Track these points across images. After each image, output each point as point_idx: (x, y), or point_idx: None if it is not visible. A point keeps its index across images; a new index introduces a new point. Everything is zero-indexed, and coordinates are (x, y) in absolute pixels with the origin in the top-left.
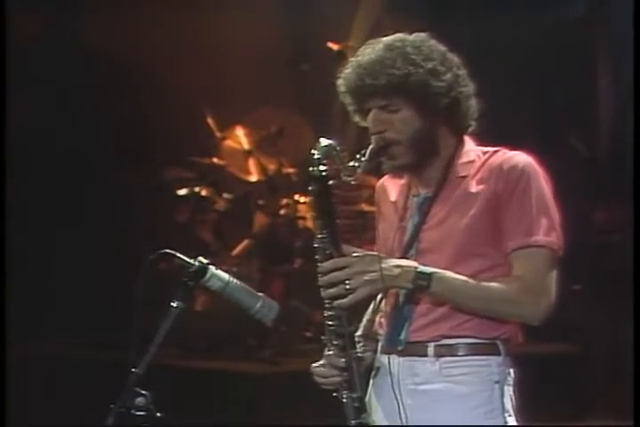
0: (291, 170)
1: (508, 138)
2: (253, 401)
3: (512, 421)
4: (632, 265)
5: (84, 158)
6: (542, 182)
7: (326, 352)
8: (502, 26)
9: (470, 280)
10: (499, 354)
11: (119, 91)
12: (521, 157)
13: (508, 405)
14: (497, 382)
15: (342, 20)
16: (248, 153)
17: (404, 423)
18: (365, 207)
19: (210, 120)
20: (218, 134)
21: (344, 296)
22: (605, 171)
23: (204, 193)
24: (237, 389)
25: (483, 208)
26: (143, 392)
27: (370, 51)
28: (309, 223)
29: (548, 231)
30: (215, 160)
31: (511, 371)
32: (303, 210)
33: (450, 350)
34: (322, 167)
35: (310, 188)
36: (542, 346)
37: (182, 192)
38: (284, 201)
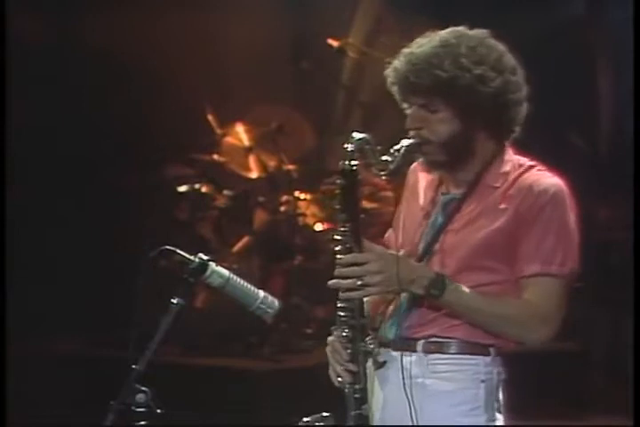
0: (291, 167)
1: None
2: (254, 398)
3: (497, 422)
4: (633, 263)
5: (85, 156)
6: (568, 209)
7: (329, 339)
8: (502, 26)
9: (482, 296)
10: (487, 354)
11: (119, 88)
12: (553, 181)
13: (494, 405)
14: (483, 382)
15: (342, 17)
16: (248, 150)
17: (413, 415)
18: (367, 204)
19: (210, 117)
20: (218, 131)
21: (354, 290)
22: (606, 169)
23: (204, 190)
24: (237, 386)
25: (505, 224)
26: (143, 389)
27: (425, 43)
28: (309, 220)
29: (564, 261)
30: (215, 157)
31: (500, 371)
32: (303, 207)
33: (438, 348)
34: (353, 162)
35: (338, 181)
36: (542, 344)
37: (182, 189)
38: (285, 198)
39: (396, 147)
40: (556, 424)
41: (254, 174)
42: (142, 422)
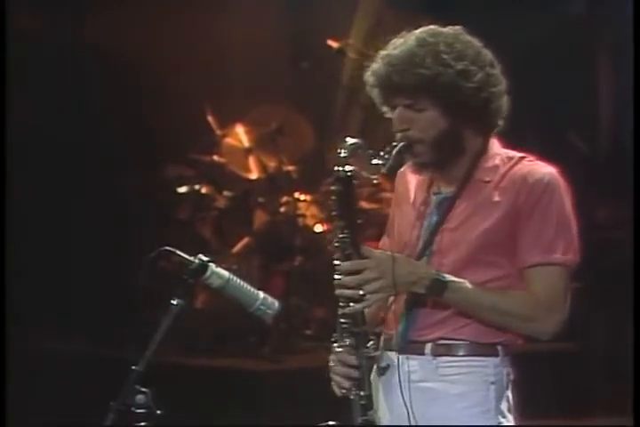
0: (291, 167)
1: (509, 137)
2: (253, 398)
3: (506, 423)
4: (632, 263)
5: (85, 157)
6: (565, 197)
7: (336, 349)
8: (502, 26)
9: (486, 292)
10: (496, 355)
11: (120, 89)
12: (546, 170)
13: (504, 406)
14: (493, 384)
15: (342, 18)
16: (248, 151)
17: (412, 418)
18: (366, 205)
19: (210, 118)
20: (218, 132)
21: (357, 300)
22: (606, 169)
23: (204, 191)
24: (237, 386)
25: (502, 218)
26: (143, 390)
27: (401, 43)
28: (309, 221)
29: (566, 249)
30: (215, 158)
31: (509, 371)
32: (303, 208)
33: (447, 350)
34: (348, 167)
35: (334, 188)
36: (541, 344)
37: (182, 190)
38: (284, 199)
39: (387, 149)
40: (556, 424)
41: (254, 175)
42: (142, 423)
